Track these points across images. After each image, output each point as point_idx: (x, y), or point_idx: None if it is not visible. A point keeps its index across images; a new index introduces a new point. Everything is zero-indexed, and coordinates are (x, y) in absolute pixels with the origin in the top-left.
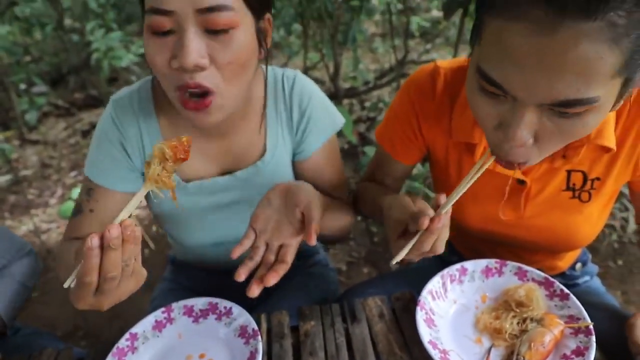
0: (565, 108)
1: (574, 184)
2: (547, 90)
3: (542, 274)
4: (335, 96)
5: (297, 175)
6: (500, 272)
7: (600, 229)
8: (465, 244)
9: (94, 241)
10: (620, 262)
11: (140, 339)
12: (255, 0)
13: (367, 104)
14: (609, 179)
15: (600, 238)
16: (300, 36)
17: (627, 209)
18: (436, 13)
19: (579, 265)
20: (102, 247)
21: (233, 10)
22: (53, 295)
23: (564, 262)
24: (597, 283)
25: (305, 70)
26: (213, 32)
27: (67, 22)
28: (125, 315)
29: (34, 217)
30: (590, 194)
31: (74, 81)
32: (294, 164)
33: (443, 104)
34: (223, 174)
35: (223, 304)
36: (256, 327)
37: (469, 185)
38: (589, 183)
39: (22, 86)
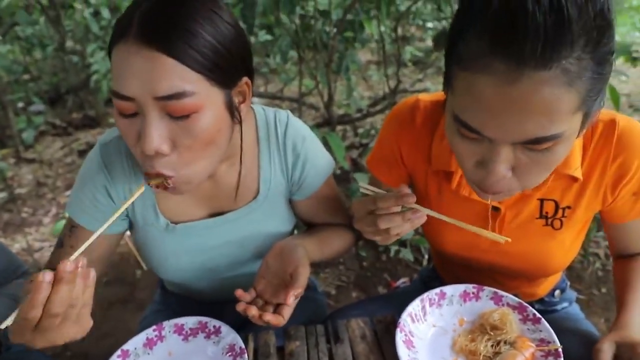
0: (535, 145)
1: (546, 212)
2: (517, 131)
3: (517, 299)
4: (329, 122)
5: (297, 212)
6: (477, 297)
7: (574, 255)
8: (447, 271)
9: (46, 276)
10: (604, 290)
11: (132, 355)
12: (222, 75)
13: (360, 131)
14: (579, 208)
15: (585, 266)
16: (296, 63)
17: None
18: (430, 43)
19: (557, 292)
20: (53, 284)
21: (194, 95)
22: None
23: (542, 289)
24: (575, 309)
25: (300, 96)
26: (174, 117)
27: (69, 43)
28: (115, 335)
29: (28, 235)
30: (562, 222)
31: (72, 101)
32: (292, 202)
33: (423, 135)
34: (212, 215)
35: (212, 323)
36: (243, 346)
37: (457, 224)
38: (560, 211)
39: (20, 105)
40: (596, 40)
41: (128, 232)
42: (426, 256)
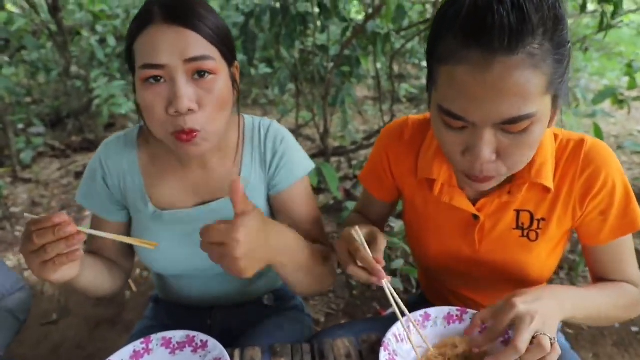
0: (513, 125)
1: (522, 223)
2: (495, 112)
3: None
4: (324, 154)
5: (274, 208)
6: (461, 319)
7: (550, 272)
8: (434, 291)
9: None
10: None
11: None
12: (228, 52)
13: (354, 163)
14: (552, 221)
15: None
16: (293, 95)
17: None
18: (424, 81)
19: None
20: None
21: (214, 60)
22: (28, 334)
23: None
24: (561, 340)
25: (297, 128)
26: (199, 75)
27: (73, 68)
28: (99, 357)
29: (19, 254)
30: (537, 234)
31: (72, 125)
32: (270, 198)
33: (410, 148)
34: (197, 204)
35: (200, 337)
36: (228, 358)
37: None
38: (535, 223)
39: (21, 126)
40: (553, 28)
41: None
42: (414, 289)
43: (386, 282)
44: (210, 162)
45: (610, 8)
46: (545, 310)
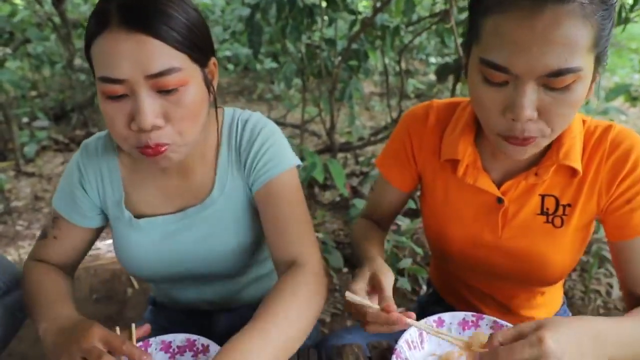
0: (557, 78)
1: (547, 209)
2: (542, 63)
3: None
4: (330, 149)
5: (258, 208)
6: (476, 325)
7: (572, 265)
8: (448, 286)
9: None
10: None
11: None
12: (199, 52)
13: (361, 159)
14: (577, 207)
15: (586, 302)
16: (300, 90)
17: (612, 275)
18: (433, 77)
19: None
20: None
21: (181, 70)
22: (27, 332)
23: (543, 314)
24: None
25: (303, 123)
26: (165, 92)
27: (77, 61)
28: None
29: (20, 248)
30: (562, 220)
31: (77, 118)
32: (255, 200)
33: (434, 131)
34: (177, 211)
35: (201, 341)
36: None
37: (444, 338)
38: (561, 208)
39: (25, 119)
40: None
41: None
42: (424, 286)
43: (411, 322)
44: (190, 167)
45: (629, 0)
46: (577, 356)
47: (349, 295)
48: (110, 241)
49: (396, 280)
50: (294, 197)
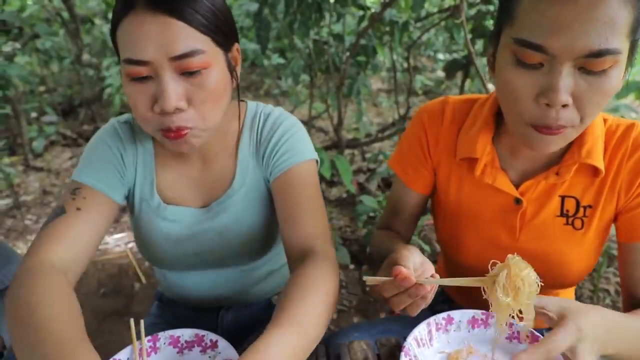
0: (596, 59)
1: (567, 210)
2: (582, 41)
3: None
4: (337, 146)
5: (274, 197)
6: (486, 324)
7: (591, 267)
8: (456, 287)
9: None
10: None
11: None
12: (223, 37)
13: (368, 156)
14: (598, 208)
15: (595, 302)
16: (307, 86)
17: None
18: (440, 73)
19: None
20: None
21: (204, 53)
22: None
23: None
24: None
25: (310, 119)
26: (188, 74)
27: (85, 57)
28: (107, 348)
29: (29, 242)
30: (583, 222)
31: (84, 113)
32: (271, 190)
33: (450, 128)
34: (199, 204)
35: (210, 336)
36: None
37: (458, 283)
38: (581, 210)
39: (34, 114)
40: None
41: (130, 245)
42: None
43: (420, 280)
44: (209, 153)
45: None
46: (589, 345)
47: (366, 278)
48: (118, 235)
49: None
50: (310, 188)
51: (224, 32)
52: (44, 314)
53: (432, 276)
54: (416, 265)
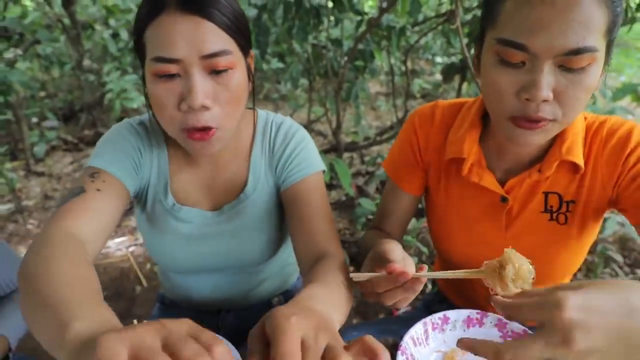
0: (575, 57)
1: (551, 206)
2: (560, 40)
3: (521, 326)
4: (336, 149)
5: (285, 205)
6: (481, 323)
7: (579, 262)
8: (452, 286)
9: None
10: None
11: None
12: (244, 40)
13: (367, 159)
14: (581, 203)
15: None
16: (306, 90)
17: (617, 275)
18: (438, 76)
19: None
20: None
21: (231, 54)
22: None
23: None
24: None
25: (309, 123)
26: (215, 73)
27: (86, 62)
28: None
29: None
30: (566, 217)
31: (85, 119)
32: (281, 195)
33: (440, 130)
34: (211, 207)
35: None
36: (239, 355)
37: (455, 275)
38: (564, 205)
39: (35, 120)
40: None
41: (131, 248)
42: (429, 285)
43: (416, 274)
44: (222, 159)
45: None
46: (608, 332)
47: (353, 275)
48: (119, 239)
49: None
50: (320, 197)
51: (245, 36)
52: (59, 279)
53: (419, 270)
54: (398, 259)
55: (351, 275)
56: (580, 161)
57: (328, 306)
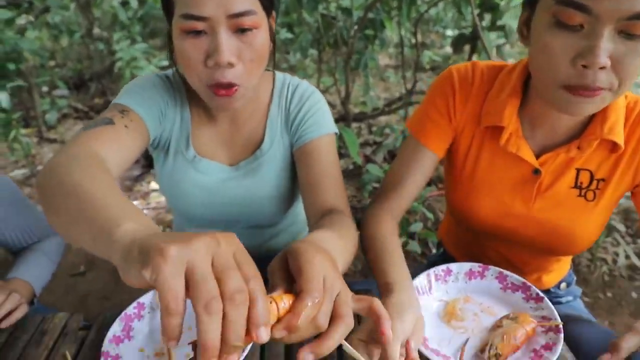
0: (638, 21)
1: (581, 183)
2: (627, 2)
3: (521, 278)
4: (344, 119)
5: (297, 164)
6: (482, 276)
7: (597, 237)
8: (461, 251)
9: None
10: (609, 294)
11: (147, 308)
12: (268, 3)
13: (375, 129)
14: (611, 182)
15: (592, 270)
16: (315, 61)
17: (618, 244)
18: (448, 49)
19: (563, 284)
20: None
21: (256, 14)
22: (57, 284)
23: (551, 278)
24: (580, 305)
25: None
26: (241, 31)
27: (96, 31)
28: (126, 305)
29: None
30: (595, 194)
31: (95, 87)
32: (294, 155)
33: (479, 93)
34: (229, 162)
35: None
36: None
37: None
38: (594, 183)
39: (45, 89)
40: None
41: (145, 211)
42: (433, 250)
43: None
44: (241, 116)
45: None
46: None
47: (345, 345)
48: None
49: (406, 243)
50: (331, 158)
51: None
52: (84, 189)
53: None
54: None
55: (343, 344)
56: (621, 141)
57: (335, 252)
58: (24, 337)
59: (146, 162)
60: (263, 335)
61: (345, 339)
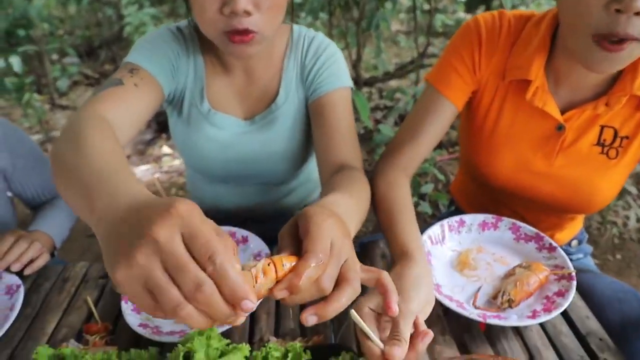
0: None
1: (604, 140)
2: None
3: (534, 229)
4: (356, 83)
5: (312, 116)
6: (495, 227)
7: (614, 196)
8: (475, 208)
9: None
10: (618, 257)
11: None
12: None
13: (385, 93)
14: (635, 140)
15: (602, 232)
16: (325, 24)
17: (630, 207)
18: (461, 14)
19: (575, 242)
20: None
21: None
22: (74, 244)
23: (564, 235)
24: (590, 262)
25: None
26: None
27: None
28: None
29: None
30: (617, 152)
31: (105, 54)
32: (309, 107)
33: (505, 44)
34: (244, 116)
35: (241, 233)
36: (269, 251)
37: None
38: (618, 140)
39: (55, 56)
40: None
41: (157, 175)
42: (444, 211)
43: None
44: (256, 69)
45: None
46: None
47: (354, 314)
48: (144, 167)
49: (417, 204)
50: (346, 111)
51: None
52: (92, 157)
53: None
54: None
55: (351, 312)
56: None
57: (347, 216)
58: (46, 285)
59: (158, 127)
60: (248, 306)
61: (355, 309)
